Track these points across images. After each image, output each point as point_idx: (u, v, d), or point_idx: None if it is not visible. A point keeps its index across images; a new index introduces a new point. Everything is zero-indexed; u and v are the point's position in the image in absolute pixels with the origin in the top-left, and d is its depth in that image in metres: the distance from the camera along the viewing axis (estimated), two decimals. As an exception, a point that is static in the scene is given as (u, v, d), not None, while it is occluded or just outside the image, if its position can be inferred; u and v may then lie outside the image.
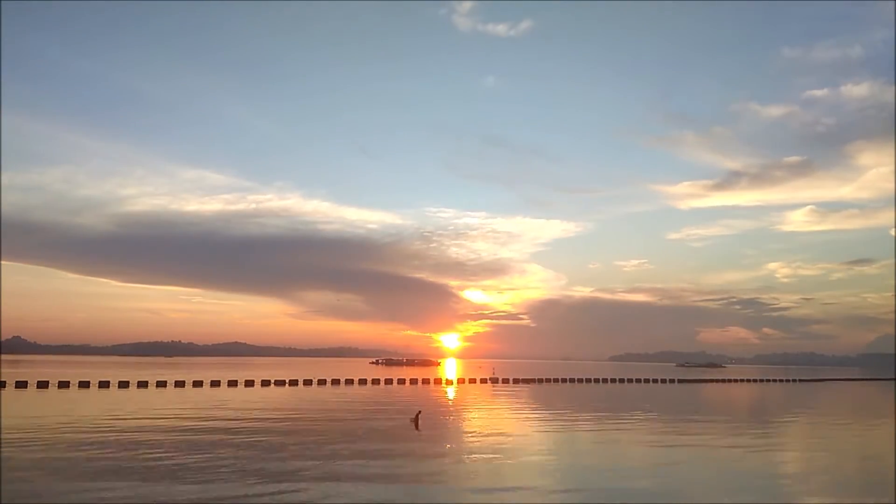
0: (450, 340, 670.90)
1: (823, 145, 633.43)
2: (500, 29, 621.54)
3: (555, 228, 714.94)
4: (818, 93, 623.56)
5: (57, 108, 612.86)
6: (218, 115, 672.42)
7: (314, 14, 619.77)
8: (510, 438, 40.73)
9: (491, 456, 32.60)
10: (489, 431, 43.74)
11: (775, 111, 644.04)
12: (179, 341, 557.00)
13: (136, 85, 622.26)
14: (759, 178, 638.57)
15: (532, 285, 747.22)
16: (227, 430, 41.39)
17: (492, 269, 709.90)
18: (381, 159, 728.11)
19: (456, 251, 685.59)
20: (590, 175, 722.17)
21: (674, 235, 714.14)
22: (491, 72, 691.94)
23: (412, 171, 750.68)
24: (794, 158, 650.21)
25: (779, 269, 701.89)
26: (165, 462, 29.05)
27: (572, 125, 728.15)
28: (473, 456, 32.93)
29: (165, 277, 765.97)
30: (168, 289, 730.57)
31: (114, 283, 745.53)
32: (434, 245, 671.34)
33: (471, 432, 43.72)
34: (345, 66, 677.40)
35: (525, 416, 57.79)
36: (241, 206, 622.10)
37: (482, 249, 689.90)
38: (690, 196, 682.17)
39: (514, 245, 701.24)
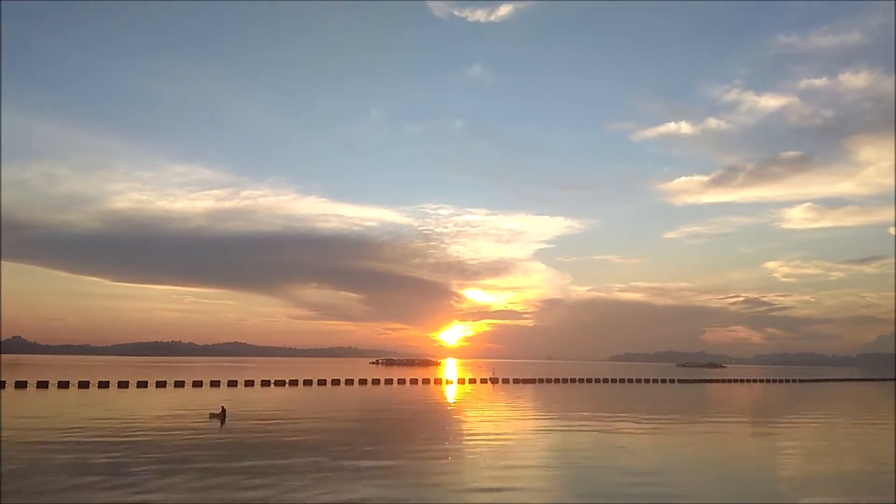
0: (450, 340, 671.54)
1: (822, 139, 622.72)
2: (480, 14, 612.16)
3: (555, 226, 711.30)
4: (816, 82, 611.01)
5: (34, 100, 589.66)
6: (206, 106, 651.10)
7: (303, 8, 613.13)
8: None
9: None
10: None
11: (773, 102, 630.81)
12: (180, 341, 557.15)
13: (119, 75, 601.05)
14: (756, 173, 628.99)
15: (533, 284, 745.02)
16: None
17: (493, 268, 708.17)
18: (375, 154, 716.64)
19: (457, 249, 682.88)
20: (585, 171, 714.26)
21: (671, 234, 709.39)
22: (476, 60, 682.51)
23: (408, 166, 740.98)
24: (792, 153, 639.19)
25: (778, 269, 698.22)
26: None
27: (563, 116, 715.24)
28: None
29: (158, 276, 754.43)
30: (162, 288, 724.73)
31: (106, 282, 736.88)
32: (434, 243, 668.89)
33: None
34: (335, 59, 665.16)
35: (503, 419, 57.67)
36: (232, 203, 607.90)
37: (483, 248, 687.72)
38: (686, 192, 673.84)
39: (515, 243, 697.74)
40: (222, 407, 49.12)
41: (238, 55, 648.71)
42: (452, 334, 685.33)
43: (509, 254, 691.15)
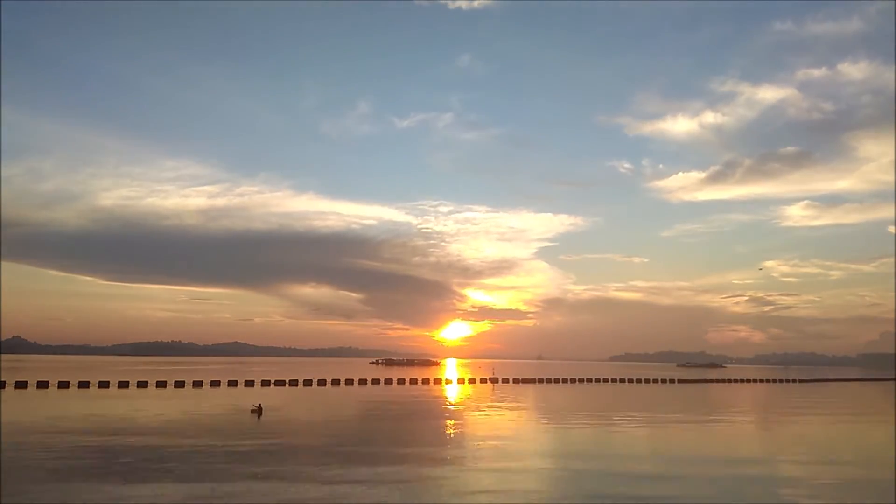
0: (451, 339, 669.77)
1: (822, 134, 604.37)
2: (461, 2, 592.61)
3: (557, 224, 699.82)
4: (815, 73, 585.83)
5: (16, 94, 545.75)
6: (196, 99, 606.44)
7: (291, 4, 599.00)
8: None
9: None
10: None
11: (770, 94, 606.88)
12: (180, 341, 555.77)
13: (105, 67, 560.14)
14: (754, 170, 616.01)
15: (535, 283, 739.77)
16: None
17: (494, 267, 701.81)
18: (369, 149, 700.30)
19: (457, 248, 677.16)
20: (582, 167, 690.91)
21: (667, 233, 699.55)
22: (465, 50, 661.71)
23: (404, 161, 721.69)
24: (791, 149, 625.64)
25: (777, 267, 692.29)
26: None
27: (557, 109, 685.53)
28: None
29: (152, 276, 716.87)
30: (156, 287, 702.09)
31: (99, 281, 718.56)
32: (434, 241, 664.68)
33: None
34: (322, 53, 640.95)
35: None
36: (226, 200, 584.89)
37: (484, 246, 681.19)
38: (683, 189, 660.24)
39: (518, 241, 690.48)
40: (259, 404, 55.51)
41: (226, 47, 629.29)
42: (453, 334, 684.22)
43: (511, 252, 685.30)
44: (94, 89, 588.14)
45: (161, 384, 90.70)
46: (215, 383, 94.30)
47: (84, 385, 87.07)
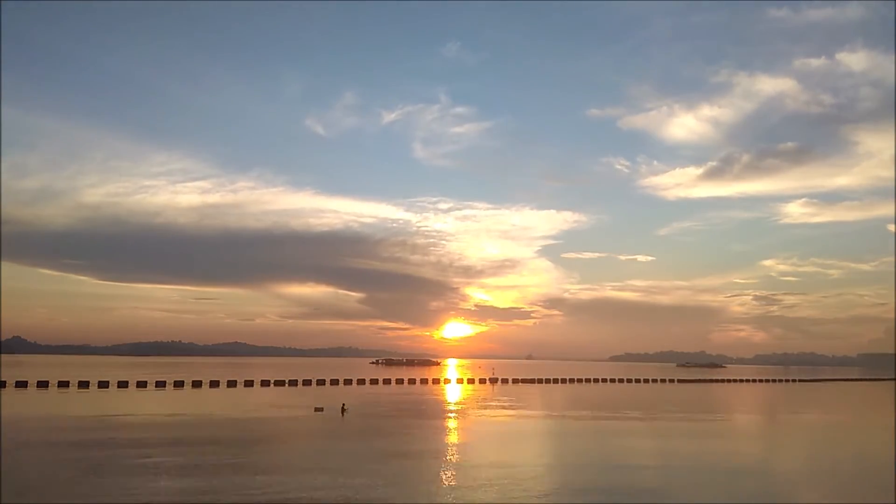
0: (451, 339, 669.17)
1: (821, 128, 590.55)
2: None
3: (557, 222, 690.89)
4: (813, 62, 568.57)
5: None
6: (183, 92, 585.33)
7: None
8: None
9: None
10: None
11: (768, 85, 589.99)
12: (180, 341, 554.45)
13: (89, 57, 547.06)
14: (752, 166, 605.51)
15: (537, 283, 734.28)
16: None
17: (495, 265, 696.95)
18: (365, 144, 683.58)
19: (458, 246, 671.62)
20: (579, 163, 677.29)
21: (664, 231, 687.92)
22: (451, 37, 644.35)
23: (401, 158, 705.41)
24: (790, 144, 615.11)
25: (776, 266, 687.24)
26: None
27: (548, 103, 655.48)
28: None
29: (145, 275, 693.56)
30: (151, 287, 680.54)
31: (93, 280, 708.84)
32: (433, 240, 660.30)
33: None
34: (308, 45, 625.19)
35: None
36: (219, 196, 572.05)
37: (485, 244, 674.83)
38: (680, 186, 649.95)
39: (518, 239, 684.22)
40: (343, 404, 57.79)
41: (213, 39, 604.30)
42: (453, 333, 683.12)
43: (513, 250, 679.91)
44: (79, 82, 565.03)
45: (160, 384, 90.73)
46: (214, 383, 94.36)
47: (84, 385, 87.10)
